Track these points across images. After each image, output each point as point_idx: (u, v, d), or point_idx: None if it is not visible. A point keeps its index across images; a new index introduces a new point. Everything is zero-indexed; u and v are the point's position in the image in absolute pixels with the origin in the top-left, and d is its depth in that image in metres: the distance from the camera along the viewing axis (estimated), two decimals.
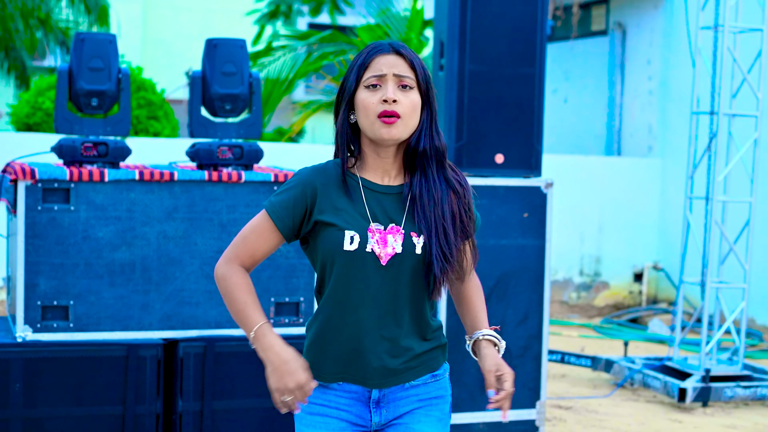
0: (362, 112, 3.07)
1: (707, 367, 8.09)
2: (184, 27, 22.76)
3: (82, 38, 5.86)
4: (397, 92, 3.06)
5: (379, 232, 3.08)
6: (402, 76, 3.07)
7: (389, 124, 3.04)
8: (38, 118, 11.15)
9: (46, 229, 5.49)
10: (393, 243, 3.08)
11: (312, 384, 3.02)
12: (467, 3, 6.56)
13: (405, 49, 3.12)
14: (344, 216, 3.09)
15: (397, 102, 3.04)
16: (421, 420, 3.20)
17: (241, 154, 5.97)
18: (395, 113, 3.04)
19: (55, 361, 5.45)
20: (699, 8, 8.53)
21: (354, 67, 3.12)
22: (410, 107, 3.07)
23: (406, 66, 3.09)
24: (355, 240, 3.06)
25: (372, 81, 3.07)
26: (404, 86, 3.07)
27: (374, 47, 3.12)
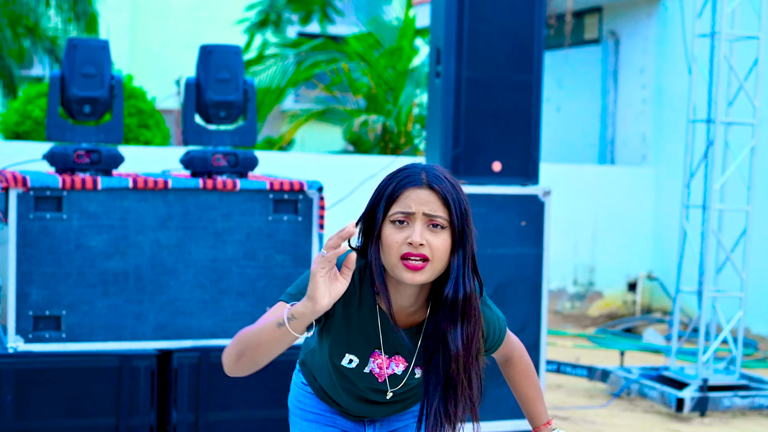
0: (385, 249, 2.78)
1: (705, 377, 8.03)
2: (173, 36, 22.75)
3: (75, 44, 5.79)
4: (426, 233, 2.77)
5: (383, 358, 2.97)
6: (433, 216, 2.77)
7: (414, 269, 2.76)
8: (27, 127, 11.07)
9: (38, 238, 5.41)
10: (394, 368, 2.97)
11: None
12: (464, 10, 6.51)
13: (441, 182, 2.81)
14: (353, 337, 2.95)
15: (424, 246, 2.76)
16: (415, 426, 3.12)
17: (236, 161, 5.91)
18: (422, 256, 2.76)
19: (48, 372, 5.39)
20: (695, 16, 8.49)
21: (382, 196, 2.82)
22: (441, 250, 2.78)
23: (439, 204, 2.78)
24: (353, 362, 2.96)
25: (399, 217, 2.78)
26: (435, 225, 2.77)
27: (406, 177, 2.82)
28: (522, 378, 3.19)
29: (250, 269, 5.75)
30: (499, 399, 6.59)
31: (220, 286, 5.73)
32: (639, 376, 8.47)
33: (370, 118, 12.30)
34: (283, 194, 5.81)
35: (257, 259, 5.78)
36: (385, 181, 2.84)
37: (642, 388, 8.28)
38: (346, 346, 2.94)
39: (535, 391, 3.20)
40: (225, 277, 5.73)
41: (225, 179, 5.75)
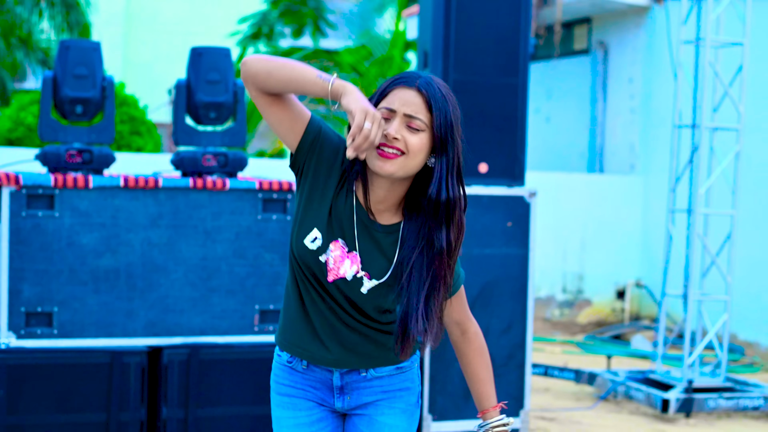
0: None
1: (690, 378, 8.12)
2: (165, 48, 22.82)
3: (67, 46, 5.87)
4: (403, 130, 2.87)
5: (341, 249, 3.00)
6: (413, 117, 2.88)
7: (385, 158, 2.87)
8: (20, 133, 11.16)
9: (31, 236, 5.49)
10: (347, 268, 3.00)
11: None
12: (451, 14, 6.60)
13: (431, 88, 2.91)
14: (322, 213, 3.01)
15: (398, 140, 2.86)
16: (385, 412, 3.18)
17: (226, 162, 5.99)
18: (396, 149, 2.86)
19: (39, 367, 5.45)
20: (681, 22, 8.60)
21: (377, 92, 2.96)
22: (416, 149, 2.88)
23: (422, 107, 2.89)
24: (317, 241, 2.99)
25: (384, 113, 2.90)
26: (411, 128, 2.87)
27: (402, 77, 2.94)
28: (476, 356, 3.21)
29: (240, 267, 5.83)
30: None
31: (209, 284, 5.80)
32: (625, 378, 8.56)
33: None
34: (272, 194, 5.88)
35: (246, 258, 5.85)
36: (384, 82, 2.97)
37: (628, 390, 8.36)
38: (316, 220, 2.97)
39: (487, 373, 3.21)
40: (214, 276, 5.80)
41: (215, 179, 5.83)
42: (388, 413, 3.18)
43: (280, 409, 3.20)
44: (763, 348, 10.90)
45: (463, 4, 6.64)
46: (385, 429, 3.17)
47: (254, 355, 5.76)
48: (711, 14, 8.38)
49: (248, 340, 5.84)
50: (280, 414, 3.21)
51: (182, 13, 23.58)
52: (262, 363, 5.75)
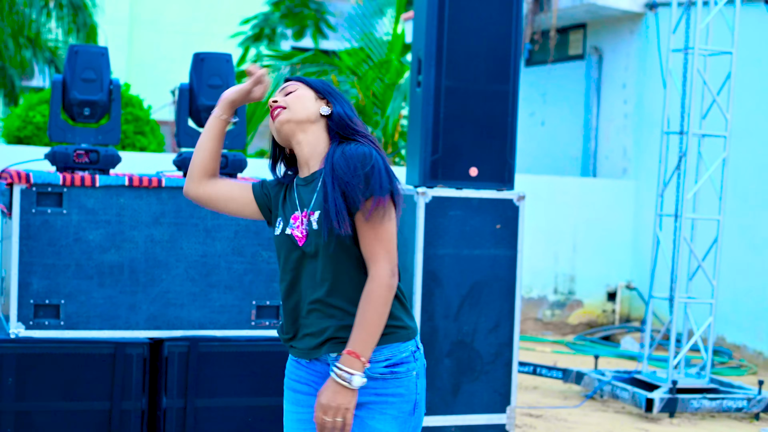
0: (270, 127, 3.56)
1: (674, 379, 8.34)
2: (169, 49, 23.00)
3: (76, 50, 6.11)
4: (278, 96, 3.50)
5: (300, 217, 3.39)
6: (285, 88, 3.51)
7: (275, 116, 3.45)
8: (29, 132, 11.38)
9: (40, 231, 5.73)
10: (302, 227, 3.37)
11: None
12: (444, 22, 6.84)
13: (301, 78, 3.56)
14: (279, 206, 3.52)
15: (276, 101, 3.47)
16: (375, 417, 3.31)
17: (226, 163, 6.23)
18: (279, 107, 3.45)
19: (46, 357, 5.68)
20: (670, 31, 8.83)
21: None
22: (294, 98, 3.46)
23: (295, 83, 3.53)
24: (279, 225, 3.46)
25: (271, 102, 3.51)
26: (287, 94, 3.49)
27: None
28: (363, 298, 3.29)
29: (238, 264, 6.06)
30: (473, 393, 6.92)
31: (209, 280, 6.04)
32: (612, 378, 8.77)
33: None
34: None
35: (244, 255, 6.08)
36: None
37: (614, 390, 8.58)
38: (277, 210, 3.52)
39: (361, 317, 3.25)
40: (214, 272, 6.04)
41: None
42: (379, 418, 3.30)
43: (288, 402, 3.49)
44: (751, 351, 11.10)
45: (456, 12, 6.88)
46: None
47: (251, 348, 6.00)
48: (699, 23, 8.61)
49: (245, 334, 6.08)
50: (287, 408, 3.49)
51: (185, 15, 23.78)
52: (258, 356, 6.01)
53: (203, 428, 5.91)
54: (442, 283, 6.86)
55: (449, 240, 6.87)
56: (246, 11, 20.35)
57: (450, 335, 6.88)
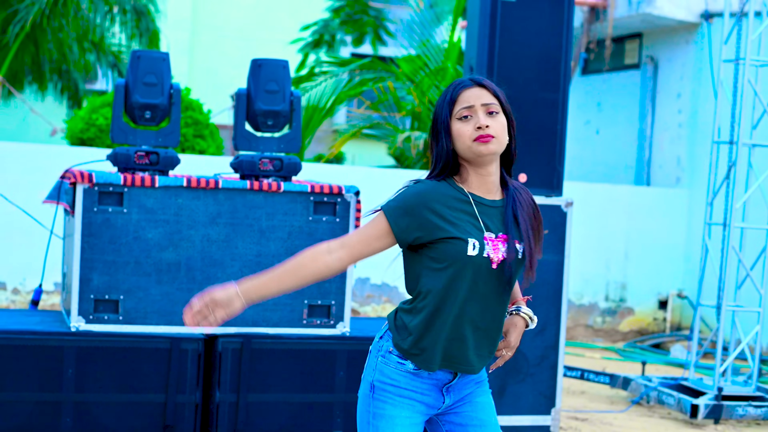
0: (459, 140, 3.51)
1: (720, 386, 8.40)
2: (230, 54, 23.23)
3: (138, 56, 6.33)
4: (487, 119, 3.48)
5: (491, 240, 3.53)
6: (488, 104, 3.50)
7: (486, 142, 3.46)
8: (92, 134, 11.65)
9: (101, 229, 5.95)
10: (502, 249, 3.54)
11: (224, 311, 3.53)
12: (496, 31, 6.99)
13: (485, 80, 3.57)
14: (463, 227, 3.51)
15: (489, 126, 3.47)
16: (480, 394, 3.68)
17: (281, 166, 6.41)
18: (490, 135, 3.47)
19: (105, 350, 5.90)
20: (722, 42, 8.91)
21: (444, 103, 3.55)
22: (500, 128, 3.51)
23: (489, 95, 3.53)
24: (476, 247, 3.50)
25: (463, 113, 3.50)
26: (491, 113, 3.50)
27: (458, 83, 3.57)
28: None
29: None
30: (519, 395, 7.06)
31: None
32: (658, 384, 8.85)
33: (413, 135, 12.70)
34: (323, 196, 6.29)
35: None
36: (443, 94, 3.59)
37: (660, 396, 8.66)
38: (465, 234, 3.50)
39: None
40: None
41: (270, 181, 6.25)
42: (481, 394, 3.69)
43: (399, 408, 3.59)
44: None
45: (507, 22, 7.02)
46: (487, 407, 3.68)
47: (302, 346, 6.18)
48: (751, 34, 8.69)
49: (297, 332, 6.26)
50: (397, 413, 3.59)
51: (247, 20, 24.02)
52: (309, 353, 6.19)
53: (254, 422, 6.09)
54: None
55: None
56: (307, 17, 20.53)
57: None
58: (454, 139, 3.51)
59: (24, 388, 5.78)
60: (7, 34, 14.19)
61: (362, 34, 19.55)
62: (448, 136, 3.52)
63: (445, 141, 3.53)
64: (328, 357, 6.24)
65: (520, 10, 7.05)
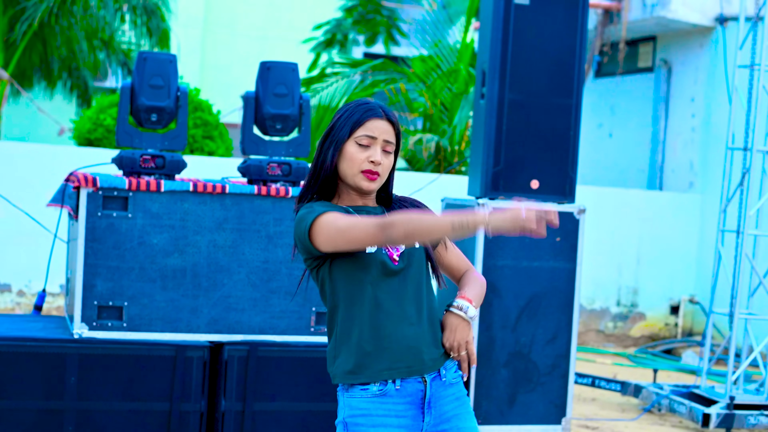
0: (348, 162, 3.51)
1: (732, 395, 8.31)
2: (242, 53, 23.15)
3: (145, 57, 6.24)
4: (382, 156, 3.52)
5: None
6: (388, 143, 3.54)
7: (371, 179, 3.51)
8: (99, 134, 11.57)
9: (105, 234, 5.86)
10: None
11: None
12: (509, 35, 6.90)
13: (393, 116, 3.57)
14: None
15: (380, 164, 3.51)
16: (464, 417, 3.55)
17: (290, 171, 6.32)
18: (377, 174, 3.51)
19: (109, 357, 5.81)
20: (737, 47, 8.81)
21: (348, 120, 3.53)
22: (387, 168, 3.55)
23: (393, 134, 3.56)
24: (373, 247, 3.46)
25: (363, 140, 3.51)
26: (387, 151, 3.54)
27: (369, 109, 3.54)
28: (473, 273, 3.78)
29: (298, 271, 6.15)
30: (529, 404, 6.97)
31: (270, 286, 6.13)
32: (670, 392, 8.76)
33: (424, 137, 12.62)
34: None
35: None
36: (349, 110, 3.56)
37: (672, 404, 8.57)
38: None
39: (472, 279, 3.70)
40: (275, 278, 6.14)
41: (278, 186, 6.17)
42: (465, 417, 3.56)
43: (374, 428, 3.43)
44: None
45: (521, 25, 6.93)
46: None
47: (309, 354, 6.08)
48: (766, 40, 8.58)
49: (304, 340, 6.17)
50: None
51: (259, 19, 23.94)
52: (316, 362, 6.10)
53: (260, 431, 6.00)
54: (500, 294, 6.92)
55: (509, 251, 6.92)
56: (319, 16, 20.45)
57: (507, 346, 6.94)
58: (342, 159, 3.52)
59: (26, 396, 5.69)
60: (14, 32, 14.12)
61: (375, 34, 19.46)
62: (336, 153, 3.51)
63: (332, 156, 3.51)
64: None
65: (534, 13, 6.95)
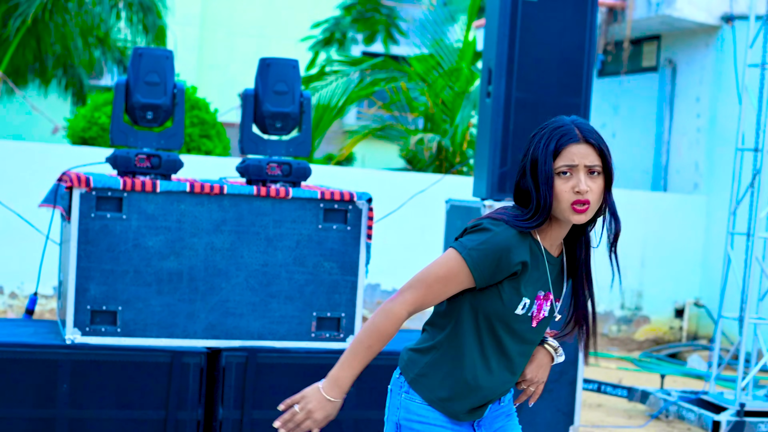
0: (556, 198, 3.22)
1: (742, 402, 8.14)
2: (240, 51, 23.02)
3: (140, 53, 6.03)
4: (588, 181, 3.22)
5: (539, 298, 3.32)
6: (592, 167, 3.22)
7: (580, 212, 3.23)
8: (94, 133, 11.38)
9: (98, 236, 5.65)
10: (545, 308, 3.34)
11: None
12: (516, 32, 6.70)
13: (593, 136, 3.25)
14: (530, 284, 3.29)
15: (589, 191, 3.21)
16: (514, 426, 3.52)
17: (290, 171, 6.11)
18: (587, 201, 3.22)
19: (102, 364, 5.60)
20: (747, 46, 8.62)
21: (547, 152, 3.21)
22: (598, 194, 3.24)
23: (595, 155, 3.24)
24: (526, 306, 3.30)
25: (564, 169, 3.21)
26: (593, 172, 3.23)
27: (565, 134, 3.23)
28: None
29: (299, 275, 5.96)
30: (536, 411, 6.77)
31: (269, 290, 5.93)
32: (678, 398, 8.59)
33: (426, 137, 12.45)
34: (333, 204, 6.00)
35: (306, 266, 5.97)
36: (544, 138, 3.25)
37: (680, 411, 8.40)
38: (525, 291, 3.28)
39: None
40: (274, 282, 5.94)
41: (278, 187, 5.96)
42: (513, 428, 3.52)
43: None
44: None
45: (528, 22, 6.73)
46: None
47: (310, 360, 5.89)
48: None
49: (305, 346, 5.96)
50: None
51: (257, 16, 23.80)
52: (317, 368, 5.89)
53: None
54: None
55: None
56: (318, 14, 20.31)
57: None
58: (554, 196, 3.23)
59: (16, 404, 5.48)
60: (7, 28, 13.90)
61: (374, 33, 19.36)
62: (551, 191, 3.22)
63: (549, 195, 3.22)
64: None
65: (542, 10, 6.75)
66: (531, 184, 3.25)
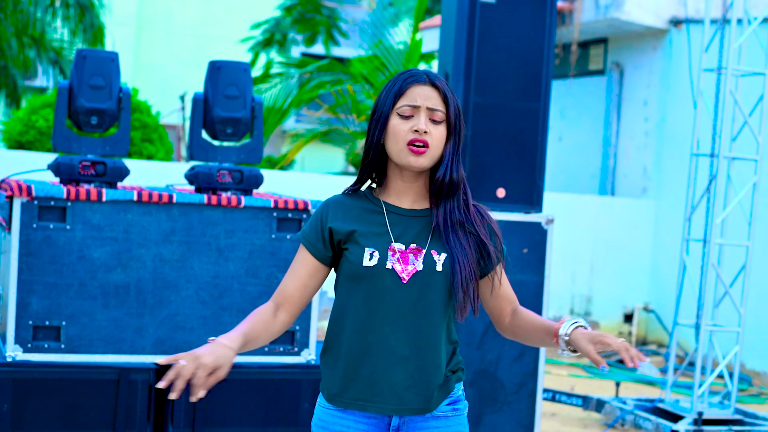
0: (392, 137, 3.12)
1: (700, 410, 8.02)
2: (177, 52, 22.75)
3: (84, 55, 5.77)
4: (429, 124, 3.10)
5: (400, 251, 3.10)
6: (434, 110, 3.12)
7: (417, 153, 3.09)
8: (31, 137, 11.04)
9: (41, 248, 5.38)
10: (414, 261, 3.09)
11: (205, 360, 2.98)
12: (474, 36, 6.50)
13: (440, 81, 3.16)
14: (366, 236, 3.13)
15: (427, 133, 3.09)
16: None
17: (241, 178, 5.88)
18: (425, 142, 3.09)
19: (45, 382, 5.34)
20: (702, 50, 8.50)
21: (390, 93, 3.15)
22: (438, 139, 3.11)
23: (439, 99, 3.13)
24: (374, 256, 3.09)
25: (406, 110, 3.11)
26: (434, 120, 3.11)
27: (411, 75, 3.17)
28: (530, 314, 3.33)
29: (252, 287, 5.73)
30: (495, 425, 6.59)
31: (221, 303, 5.70)
32: (634, 407, 8.47)
33: None
34: (287, 212, 5.78)
35: (259, 277, 5.75)
36: (391, 81, 3.19)
37: (636, 420, 8.27)
38: (364, 241, 3.12)
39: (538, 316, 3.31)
40: (226, 294, 5.70)
41: (229, 195, 5.73)
42: None
43: None
44: None
45: (486, 25, 6.54)
46: None
47: (263, 376, 5.67)
48: (733, 43, 8.29)
49: (258, 361, 5.73)
50: None
51: (195, 16, 23.52)
52: (270, 384, 5.68)
53: None
54: None
55: None
56: (257, 15, 20.09)
57: (473, 364, 6.53)
58: (387, 136, 3.14)
59: None
60: None
61: (314, 34, 19.19)
62: (382, 130, 3.14)
63: (378, 134, 3.15)
64: (291, 387, 5.71)
65: (500, 12, 6.55)
66: (366, 133, 3.22)
